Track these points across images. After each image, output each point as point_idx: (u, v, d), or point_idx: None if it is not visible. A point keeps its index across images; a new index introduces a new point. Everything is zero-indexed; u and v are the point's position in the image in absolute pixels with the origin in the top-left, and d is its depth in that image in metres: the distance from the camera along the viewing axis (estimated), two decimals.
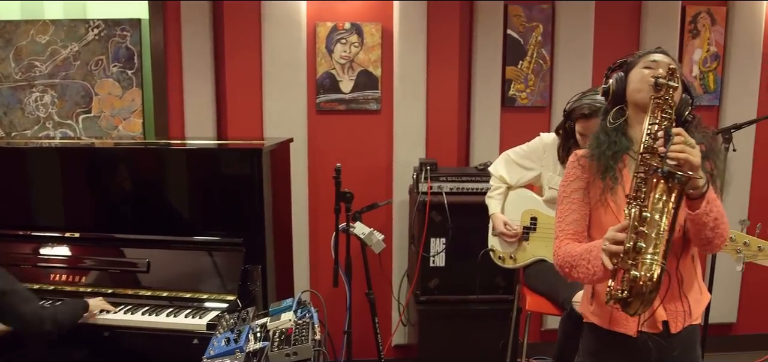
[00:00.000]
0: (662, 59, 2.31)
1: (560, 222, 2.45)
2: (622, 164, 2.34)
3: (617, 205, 2.31)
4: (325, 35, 4.58)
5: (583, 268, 2.26)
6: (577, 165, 2.43)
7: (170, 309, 3.41)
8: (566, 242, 2.40)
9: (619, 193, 2.31)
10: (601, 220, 2.36)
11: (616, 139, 2.34)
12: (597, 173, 2.36)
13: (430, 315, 4.40)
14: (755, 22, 4.94)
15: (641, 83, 2.28)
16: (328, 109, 4.67)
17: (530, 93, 4.80)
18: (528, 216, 3.80)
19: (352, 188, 3.85)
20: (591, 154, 2.38)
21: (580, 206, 2.41)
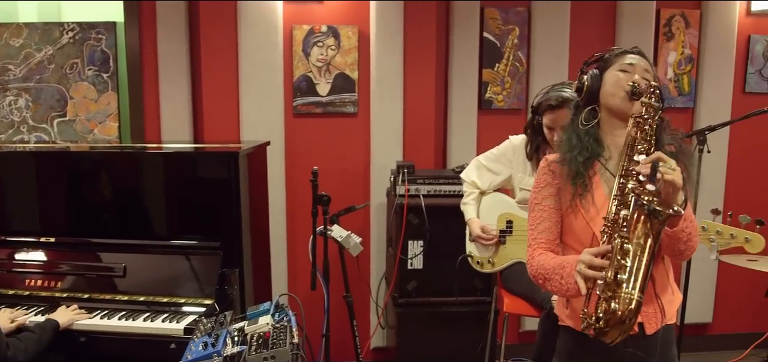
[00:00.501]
0: (638, 63, 2.32)
1: (532, 231, 2.45)
2: (593, 171, 2.34)
3: (587, 211, 2.32)
4: (302, 38, 4.61)
5: (556, 283, 2.29)
6: (547, 171, 2.42)
7: (147, 314, 3.41)
8: (539, 252, 2.41)
9: (589, 199, 2.32)
10: (572, 226, 2.38)
11: (587, 143, 2.33)
12: (567, 178, 2.35)
13: (408, 317, 4.43)
14: (728, 25, 5.04)
15: (615, 88, 2.29)
16: (305, 112, 4.70)
17: (507, 95, 4.86)
18: (504, 220, 3.84)
19: (330, 191, 3.88)
20: (561, 158, 2.37)
21: (552, 213, 2.41)
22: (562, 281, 2.25)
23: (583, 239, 2.33)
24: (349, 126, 4.78)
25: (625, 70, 2.30)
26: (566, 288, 2.24)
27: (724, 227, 3.56)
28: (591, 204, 2.31)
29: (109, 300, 3.55)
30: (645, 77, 2.27)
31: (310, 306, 4.12)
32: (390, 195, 4.57)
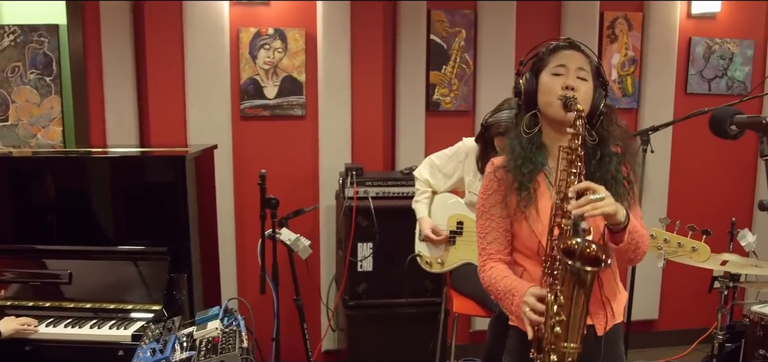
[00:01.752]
0: (570, 62, 2.28)
1: (481, 240, 2.46)
2: (537, 182, 2.34)
3: (532, 221, 2.32)
4: (249, 41, 4.65)
5: (507, 305, 2.32)
6: (493, 177, 2.41)
7: (94, 321, 3.42)
8: (490, 265, 2.42)
9: (534, 211, 2.32)
10: (519, 233, 2.38)
11: (531, 154, 2.32)
12: (512, 187, 2.34)
13: (358, 319, 4.47)
14: (669, 28, 5.22)
15: (549, 96, 2.26)
16: (252, 115, 4.74)
17: (454, 97, 4.96)
18: (454, 221, 3.91)
19: (279, 194, 3.91)
20: (505, 166, 2.37)
21: (499, 223, 2.41)
22: (513, 307, 2.28)
23: (530, 245, 2.35)
24: (297, 129, 4.83)
25: (557, 73, 2.27)
26: (516, 314, 2.27)
27: (672, 236, 3.64)
28: (536, 216, 2.32)
29: (55, 308, 3.53)
30: (579, 75, 2.25)
31: (259, 310, 4.15)
32: (339, 198, 4.62)
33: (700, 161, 5.47)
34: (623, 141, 2.36)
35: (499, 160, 2.42)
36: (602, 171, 2.29)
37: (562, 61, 2.28)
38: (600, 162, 2.29)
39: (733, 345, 4.14)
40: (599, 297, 2.36)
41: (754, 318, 3.91)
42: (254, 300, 4.19)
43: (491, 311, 3.66)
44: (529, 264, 2.38)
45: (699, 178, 5.49)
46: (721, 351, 4.02)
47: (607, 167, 2.29)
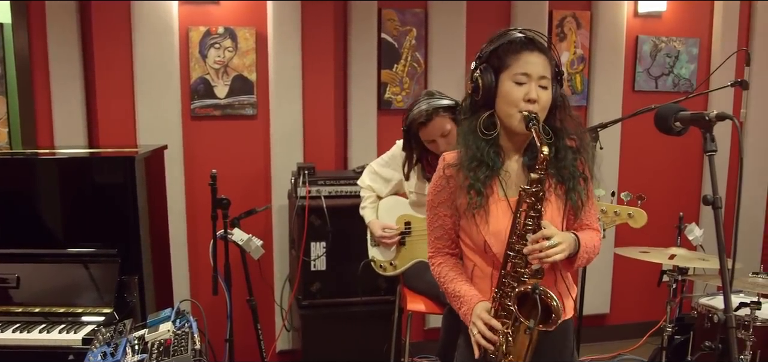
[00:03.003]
0: (534, 70, 2.23)
1: (430, 234, 2.50)
2: (491, 188, 2.34)
3: (482, 223, 2.33)
4: (199, 40, 4.65)
5: (454, 307, 2.40)
6: (443, 175, 2.40)
7: (43, 325, 3.39)
8: (439, 260, 2.49)
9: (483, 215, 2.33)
10: (466, 229, 2.41)
11: (488, 159, 2.30)
12: (464, 185, 2.32)
13: (312, 319, 4.50)
14: (617, 26, 5.36)
15: (510, 107, 2.24)
16: (203, 114, 4.75)
17: (406, 96, 5.02)
18: (402, 222, 3.95)
19: (230, 194, 3.94)
20: (458, 163, 2.35)
21: (446, 220, 2.44)
22: (460, 311, 2.37)
23: (477, 242, 2.38)
24: (248, 128, 4.85)
25: (519, 81, 2.23)
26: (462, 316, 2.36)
27: (608, 206, 3.76)
28: (485, 220, 2.33)
29: (3, 313, 3.49)
30: (541, 84, 2.23)
31: (212, 311, 4.16)
32: (291, 197, 4.64)
33: (648, 157, 5.62)
34: (577, 133, 2.38)
35: (450, 156, 2.41)
36: (559, 167, 2.32)
37: (525, 68, 2.24)
38: (556, 157, 2.31)
39: (682, 337, 4.25)
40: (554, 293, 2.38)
41: (701, 310, 4.02)
42: (207, 301, 4.20)
43: (444, 306, 3.70)
44: (478, 260, 2.43)
45: (647, 173, 5.64)
46: (671, 343, 4.14)
47: (563, 163, 2.32)
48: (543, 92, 2.24)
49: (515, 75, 2.24)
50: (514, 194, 2.32)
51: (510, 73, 2.25)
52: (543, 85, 2.24)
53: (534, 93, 2.22)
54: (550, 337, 2.41)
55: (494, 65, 2.29)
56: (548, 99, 2.26)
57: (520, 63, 2.24)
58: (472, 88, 2.34)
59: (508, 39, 2.30)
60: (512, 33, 2.32)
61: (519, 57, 2.25)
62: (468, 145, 2.34)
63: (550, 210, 2.32)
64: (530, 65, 2.23)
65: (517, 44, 2.28)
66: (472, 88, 2.34)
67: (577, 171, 2.34)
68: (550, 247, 2.15)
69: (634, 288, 5.71)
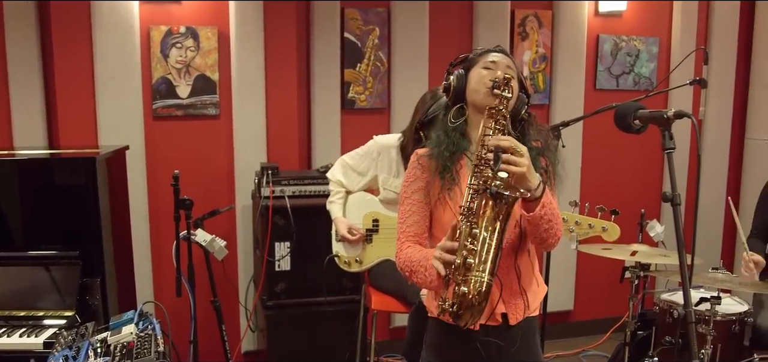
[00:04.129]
0: (501, 60, 2.40)
1: (402, 224, 2.51)
2: (460, 165, 2.42)
3: (455, 204, 2.38)
4: (160, 39, 4.64)
5: (421, 274, 2.35)
6: (417, 165, 2.49)
7: (4, 329, 3.37)
8: (407, 245, 2.48)
9: (457, 192, 2.39)
10: (441, 218, 2.45)
11: (455, 139, 2.41)
12: (435, 172, 2.42)
13: (277, 319, 4.51)
14: (578, 25, 5.45)
15: (479, 84, 2.37)
16: (165, 115, 4.73)
17: (369, 95, 5.06)
18: (370, 219, 3.98)
19: (194, 195, 3.93)
20: (430, 153, 2.45)
21: (421, 207, 2.48)
22: (426, 272, 2.31)
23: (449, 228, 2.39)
24: (211, 128, 4.84)
25: (488, 67, 2.39)
26: (430, 278, 2.30)
27: (582, 218, 3.81)
28: (458, 197, 2.38)
29: None
30: (507, 73, 2.34)
31: (176, 312, 4.15)
32: (255, 198, 4.65)
33: (610, 155, 5.70)
34: (542, 137, 2.47)
35: (422, 150, 2.51)
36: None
37: (492, 58, 2.41)
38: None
39: (644, 332, 4.31)
40: (516, 287, 2.47)
41: (663, 305, 4.07)
42: (170, 303, 4.18)
43: (411, 304, 3.74)
44: None
45: (609, 171, 5.74)
46: (634, 338, 4.20)
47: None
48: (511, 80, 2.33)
49: (484, 64, 2.41)
50: None
51: (478, 66, 2.42)
52: (509, 75, 2.34)
53: (500, 74, 2.33)
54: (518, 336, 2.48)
55: (464, 66, 2.48)
56: (514, 88, 2.36)
57: (488, 56, 2.43)
58: (444, 89, 2.51)
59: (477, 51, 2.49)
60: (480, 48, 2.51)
61: (487, 55, 2.44)
62: (438, 135, 2.47)
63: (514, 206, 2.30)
64: (496, 57, 2.42)
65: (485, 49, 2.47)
66: (445, 87, 2.50)
67: (539, 163, 2.39)
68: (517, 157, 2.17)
69: (597, 284, 5.79)
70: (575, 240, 3.88)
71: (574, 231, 3.84)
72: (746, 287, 3.78)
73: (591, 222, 3.81)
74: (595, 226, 3.81)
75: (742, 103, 6.00)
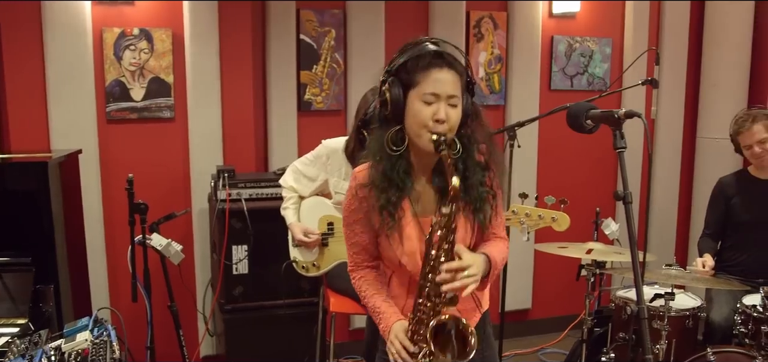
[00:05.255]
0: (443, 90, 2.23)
1: (349, 250, 2.51)
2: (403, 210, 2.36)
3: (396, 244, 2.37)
4: (113, 41, 4.59)
5: (374, 319, 2.44)
6: (355, 196, 2.41)
7: None
8: (359, 274, 2.51)
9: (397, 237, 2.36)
10: (383, 246, 2.44)
11: (397, 179, 2.31)
12: (376, 205, 2.33)
13: (236, 323, 4.50)
14: (533, 27, 5.51)
15: (419, 127, 2.24)
16: (119, 118, 4.68)
17: (325, 97, 5.06)
18: (324, 222, 3.98)
19: (149, 199, 3.91)
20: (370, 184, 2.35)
21: (362, 236, 2.46)
22: (379, 326, 2.41)
23: (393, 261, 2.43)
24: (166, 131, 4.81)
25: (428, 101, 2.22)
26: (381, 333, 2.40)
27: (532, 209, 3.85)
28: (399, 241, 2.36)
29: None
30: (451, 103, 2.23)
31: (133, 318, 4.12)
32: (212, 201, 4.63)
33: (565, 155, 5.78)
34: (488, 145, 2.40)
35: (361, 175, 2.40)
36: (467, 187, 2.33)
37: (434, 87, 2.22)
38: (464, 175, 2.32)
39: (601, 329, 4.39)
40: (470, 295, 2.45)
41: (619, 302, 4.15)
42: (127, 308, 4.15)
43: None
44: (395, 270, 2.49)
45: (565, 170, 5.81)
46: (591, 335, 4.27)
47: (471, 181, 2.34)
48: (452, 111, 2.24)
49: (424, 94, 2.23)
50: (425, 213, 2.37)
51: (419, 92, 2.24)
52: (452, 104, 2.24)
53: (442, 113, 2.21)
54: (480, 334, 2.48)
55: (403, 80, 2.28)
56: (458, 117, 2.27)
57: (429, 82, 2.23)
58: (381, 101, 2.33)
59: (417, 52, 2.28)
60: (423, 45, 2.30)
61: (428, 74, 2.24)
62: (378, 162, 2.34)
63: (460, 230, 2.33)
64: (439, 84, 2.23)
65: (426, 58, 2.26)
66: (381, 101, 2.33)
67: (484, 191, 2.37)
68: (466, 278, 2.17)
69: (554, 283, 5.86)
70: (526, 232, 3.91)
71: (525, 223, 3.87)
72: (699, 283, 3.86)
73: (540, 213, 3.85)
74: (545, 217, 3.84)
75: (694, 102, 6.12)
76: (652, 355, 2.24)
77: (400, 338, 2.30)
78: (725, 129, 4.34)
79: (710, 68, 5.95)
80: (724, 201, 4.40)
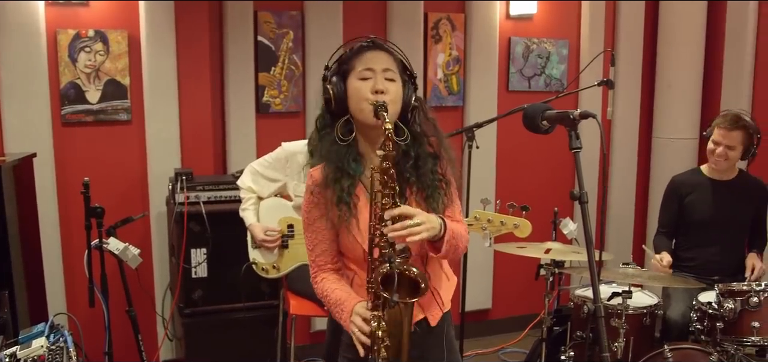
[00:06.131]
0: (376, 64, 2.32)
1: (310, 253, 2.51)
2: (357, 196, 2.39)
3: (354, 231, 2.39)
4: (68, 43, 4.54)
5: (337, 317, 2.42)
6: (311, 196, 2.44)
7: None
8: (321, 277, 2.50)
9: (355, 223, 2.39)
10: (344, 242, 2.45)
11: (348, 167, 2.35)
12: (332, 200, 2.36)
13: (195, 327, 4.48)
14: (490, 28, 5.56)
15: (359, 102, 2.31)
16: (74, 121, 4.64)
17: (284, 99, 5.06)
18: (285, 224, 4.00)
19: (106, 202, 3.87)
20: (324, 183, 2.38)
21: (325, 234, 2.46)
22: (342, 319, 2.38)
23: (356, 253, 2.44)
24: (123, 134, 4.77)
25: (364, 77, 2.31)
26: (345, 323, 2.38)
27: (494, 215, 3.88)
28: (357, 227, 2.39)
29: None
30: (387, 76, 2.31)
31: (90, 324, 4.09)
32: (170, 204, 4.60)
33: (524, 155, 5.84)
34: (435, 135, 2.45)
35: (316, 174, 2.43)
36: (418, 174, 2.39)
37: (368, 63, 2.32)
38: (416, 165, 2.38)
39: (561, 328, 4.46)
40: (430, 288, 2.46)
41: (577, 301, 4.21)
42: (84, 314, 4.11)
43: None
44: (357, 268, 2.49)
45: (523, 170, 5.87)
46: (550, 334, 4.33)
47: (423, 170, 2.39)
48: (390, 84, 2.32)
49: (360, 72, 2.32)
50: None
51: (356, 74, 2.33)
52: (389, 77, 2.32)
53: (380, 83, 2.29)
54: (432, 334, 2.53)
55: (341, 72, 2.37)
56: (397, 90, 2.34)
57: (363, 60, 2.33)
58: (325, 101, 2.40)
59: (351, 45, 2.40)
60: (356, 39, 2.41)
61: (362, 56, 2.34)
62: (330, 158, 2.38)
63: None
64: (373, 60, 2.32)
65: (358, 45, 2.38)
66: (325, 100, 2.39)
67: (436, 178, 2.41)
68: (413, 226, 2.19)
69: (514, 283, 5.91)
70: (488, 238, 3.94)
71: (487, 229, 3.90)
72: (656, 281, 3.93)
73: (502, 219, 3.89)
74: (507, 223, 3.89)
75: (649, 102, 6.22)
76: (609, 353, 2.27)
77: (361, 313, 2.30)
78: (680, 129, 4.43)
79: (665, 69, 6.05)
80: (677, 199, 4.47)
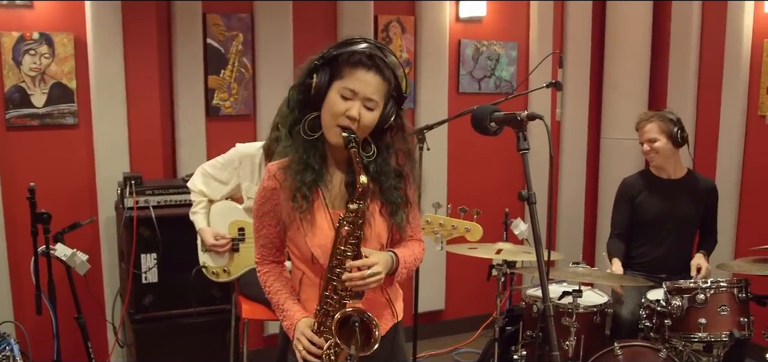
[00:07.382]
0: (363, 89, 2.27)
1: (256, 240, 2.53)
2: (315, 195, 2.37)
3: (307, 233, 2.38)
4: (12, 46, 4.47)
5: (280, 317, 2.50)
6: (268, 184, 2.42)
7: None
8: (265, 268, 2.55)
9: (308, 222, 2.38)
10: (294, 239, 2.45)
11: (313, 163, 2.33)
12: (291, 187, 2.34)
13: (146, 333, 4.44)
14: (440, 31, 5.61)
15: (332, 118, 2.28)
16: (19, 125, 4.57)
17: (234, 101, 5.04)
18: (235, 227, 4.00)
19: (53, 208, 3.84)
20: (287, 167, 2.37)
21: (271, 229, 2.48)
22: (283, 324, 2.47)
23: (304, 253, 2.43)
24: (69, 138, 4.72)
25: (345, 96, 2.27)
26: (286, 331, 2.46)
27: (446, 219, 3.92)
28: (310, 229, 2.38)
29: None
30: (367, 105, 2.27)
31: (38, 332, 4.04)
32: (118, 209, 4.56)
33: (474, 157, 5.89)
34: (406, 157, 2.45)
35: (276, 165, 2.42)
36: (383, 188, 2.40)
37: (354, 85, 2.27)
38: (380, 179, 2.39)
39: (513, 327, 4.51)
40: (383, 299, 2.55)
41: (528, 301, 4.27)
42: (31, 322, 4.06)
43: None
44: (306, 269, 2.49)
45: (474, 172, 5.93)
46: (502, 334, 4.38)
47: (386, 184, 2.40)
48: (366, 113, 2.28)
49: (343, 88, 2.27)
50: (335, 206, 2.41)
51: (340, 85, 2.28)
52: (368, 107, 2.28)
53: (355, 111, 2.26)
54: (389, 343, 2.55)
55: (332, 69, 2.31)
56: (371, 121, 2.31)
57: (352, 79, 2.27)
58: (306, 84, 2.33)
59: (352, 49, 2.30)
60: (358, 43, 2.33)
61: (354, 71, 2.28)
62: (295, 146, 2.37)
63: (376, 229, 2.41)
64: (360, 83, 2.27)
65: (356, 56, 2.29)
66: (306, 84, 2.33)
67: (398, 196, 2.42)
68: (369, 276, 2.26)
69: (466, 283, 5.95)
70: (440, 242, 3.98)
71: (439, 233, 3.94)
72: (605, 280, 4.01)
73: (454, 224, 3.92)
74: (459, 227, 3.92)
75: (597, 103, 6.32)
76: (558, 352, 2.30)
77: (306, 334, 2.35)
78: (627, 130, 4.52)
79: (612, 70, 6.15)
80: (628, 201, 4.55)
